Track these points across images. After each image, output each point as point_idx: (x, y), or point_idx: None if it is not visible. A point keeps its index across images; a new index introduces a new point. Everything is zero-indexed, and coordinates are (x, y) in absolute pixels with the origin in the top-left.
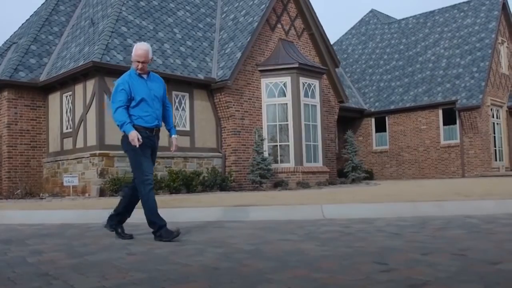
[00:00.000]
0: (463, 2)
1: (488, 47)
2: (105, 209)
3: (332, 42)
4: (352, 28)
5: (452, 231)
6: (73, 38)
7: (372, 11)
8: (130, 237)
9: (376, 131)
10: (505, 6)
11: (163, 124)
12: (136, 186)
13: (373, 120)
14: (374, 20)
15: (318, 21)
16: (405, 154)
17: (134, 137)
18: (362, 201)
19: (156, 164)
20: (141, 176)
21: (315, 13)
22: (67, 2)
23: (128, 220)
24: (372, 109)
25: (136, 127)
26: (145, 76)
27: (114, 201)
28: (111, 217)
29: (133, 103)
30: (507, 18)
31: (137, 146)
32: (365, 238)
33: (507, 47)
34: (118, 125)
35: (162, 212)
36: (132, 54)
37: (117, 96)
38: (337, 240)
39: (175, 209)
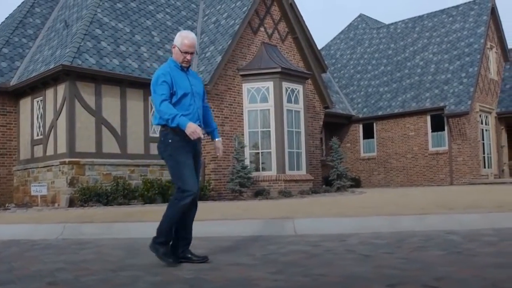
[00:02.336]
0: (452, 7)
1: (477, 52)
2: (60, 223)
3: (320, 47)
4: (341, 33)
5: (429, 252)
6: (47, 41)
7: (360, 15)
8: (205, 259)
9: (364, 137)
10: (494, 11)
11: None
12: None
13: (361, 126)
14: (362, 24)
15: (305, 24)
16: (393, 161)
17: (195, 128)
18: (340, 214)
19: (129, 172)
20: (182, 186)
21: (301, 16)
22: (43, 4)
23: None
24: (360, 115)
25: (175, 129)
26: (186, 69)
27: (80, 212)
28: (173, 246)
29: (173, 99)
30: (496, 23)
31: (202, 137)
32: (331, 262)
33: (496, 52)
34: (167, 120)
35: (117, 226)
36: (177, 43)
37: (159, 89)
38: (297, 265)
39: (134, 224)
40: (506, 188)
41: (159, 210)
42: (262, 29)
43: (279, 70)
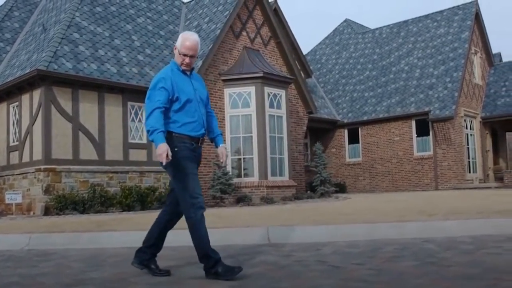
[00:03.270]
0: (436, 12)
1: (461, 57)
2: (27, 233)
3: (306, 51)
4: (326, 37)
5: (402, 263)
6: (25, 45)
7: (346, 20)
8: (167, 273)
9: (349, 142)
10: (478, 16)
11: None
12: (177, 211)
13: (346, 131)
14: (348, 29)
15: (289, 29)
16: (378, 166)
17: (163, 151)
18: (318, 221)
19: (108, 179)
20: (189, 198)
21: (285, 21)
22: (22, 7)
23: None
24: (345, 120)
25: (179, 136)
26: (188, 73)
27: (53, 221)
28: (141, 251)
29: (176, 106)
30: (480, 28)
31: (164, 163)
32: (298, 274)
33: (480, 57)
34: (147, 130)
35: (87, 236)
36: (178, 45)
37: (156, 95)
38: (263, 278)
39: (105, 233)
40: (489, 192)
41: (135, 217)
42: (244, 33)
43: (261, 74)
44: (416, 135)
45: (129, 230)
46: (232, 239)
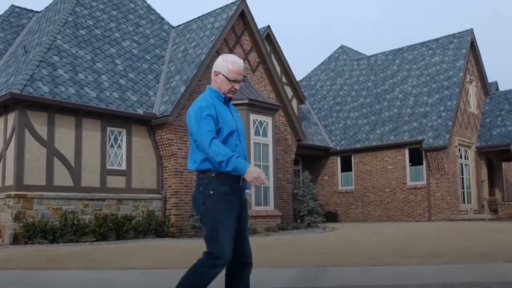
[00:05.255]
0: (432, 40)
1: (456, 85)
2: None
3: (301, 77)
4: (322, 64)
5: None
6: (6, 67)
7: (341, 47)
8: None
9: (342, 170)
10: (473, 44)
11: None
12: (239, 259)
13: (339, 159)
14: (343, 56)
15: (283, 55)
16: (370, 195)
17: (258, 173)
18: (285, 262)
19: (83, 206)
20: (216, 251)
21: (279, 46)
22: (8, 29)
23: None
24: (338, 148)
25: (218, 176)
26: (228, 102)
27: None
28: None
29: (218, 138)
30: (476, 57)
31: (267, 184)
32: None
33: (475, 86)
34: (219, 162)
35: (34, 275)
36: (223, 69)
37: (204, 125)
38: None
39: (54, 272)
40: (481, 226)
41: (104, 249)
42: None
43: (246, 101)
44: (409, 164)
45: (81, 269)
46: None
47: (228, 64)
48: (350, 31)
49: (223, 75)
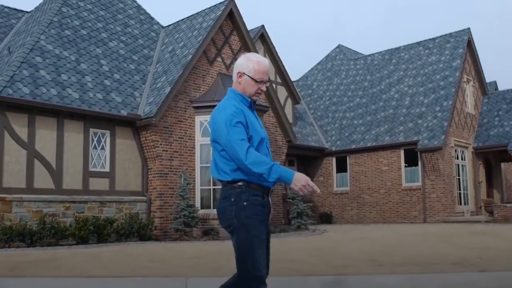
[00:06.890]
0: (429, 39)
1: (452, 85)
2: None
3: (298, 77)
4: (319, 63)
5: None
6: None
7: (339, 46)
8: None
9: (337, 171)
10: (470, 44)
11: None
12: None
13: (334, 159)
14: (340, 55)
15: (277, 55)
16: (366, 196)
17: (306, 180)
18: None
19: (64, 209)
20: (251, 269)
21: (273, 46)
22: None
23: None
24: (333, 148)
25: (250, 187)
26: (253, 107)
27: None
28: None
29: None
30: (473, 56)
31: (318, 191)
32: None
33: (473, 85)
34: (260, 173)
35: None
36: (248, 70)
37: (236, 133)
38: None
39: (13, 280)
40: (473, 229)
41: (75, 254)
42: (219, 59)
43: None
44: (404, 165)
45: (43, 277)
46: None
47: (253, 63)
48: (353, 30)
49: (248, 76)
